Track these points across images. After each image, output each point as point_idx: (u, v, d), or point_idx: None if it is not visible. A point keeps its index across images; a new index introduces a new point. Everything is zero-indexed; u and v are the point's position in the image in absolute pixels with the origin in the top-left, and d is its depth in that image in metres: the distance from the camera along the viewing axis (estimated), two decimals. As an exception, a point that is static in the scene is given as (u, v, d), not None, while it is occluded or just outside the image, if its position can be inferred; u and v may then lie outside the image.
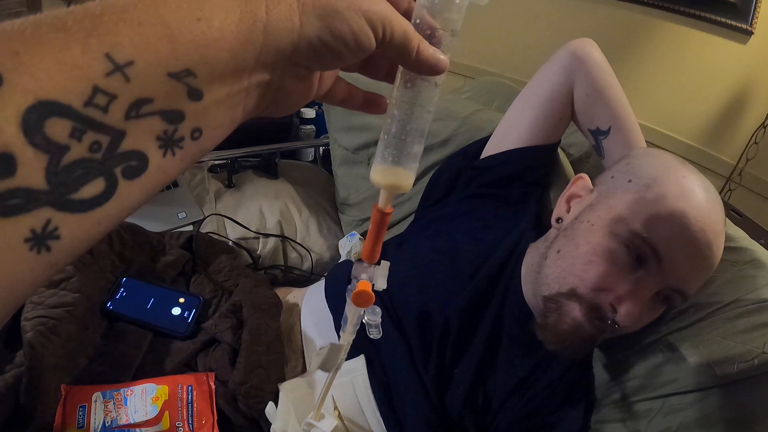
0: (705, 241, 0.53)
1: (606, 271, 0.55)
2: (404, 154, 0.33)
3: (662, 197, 0.54)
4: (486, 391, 0.64)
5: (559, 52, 0.73)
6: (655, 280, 0.54)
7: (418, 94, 0.32)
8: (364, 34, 0.24)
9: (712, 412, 0.58)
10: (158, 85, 0.18)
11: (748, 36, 1.24)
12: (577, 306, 0.56)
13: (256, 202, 1.05)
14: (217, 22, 0.19)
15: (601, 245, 0.56)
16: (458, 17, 0.31)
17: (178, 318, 0.69)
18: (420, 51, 0.27)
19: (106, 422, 0.55)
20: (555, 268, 0.59)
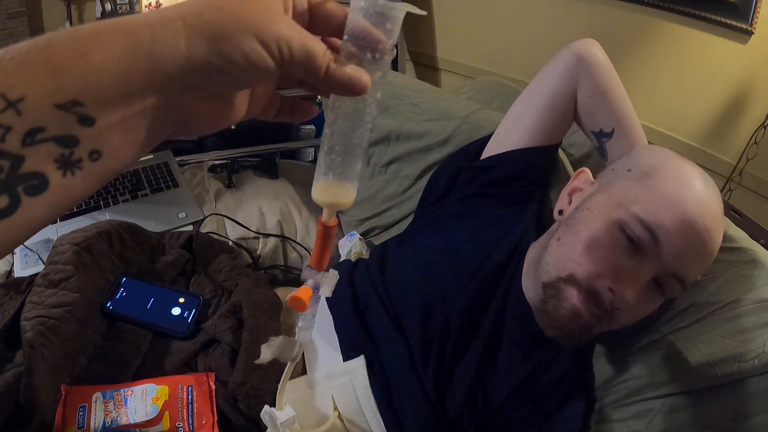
0: (703, 225, 0.54)
1: (604, 256, 0.56)
2: (341, 171, 0.33)
3: (661, 182, 0.56)
4: (485, 391, 0.64)
5: (563, 53, 0.72)
6: (652, 264, 0.54)
7: (349, 109, 0.31)
8: (257, 55, 0.24)
9: (713, 411, 0.58)
10: (48, 115, 0.21)
11: (748, 36, 1.24)
12: (575, 292, 0.57)
13: (256, 202, 1.05)
14: (100, 55, 0.22)
15: (600, 230, 0.57)
16: (391, 35, 0.30)
17: (177, 318, 0.69)
18: (330, 70, 0.27)
19: (106, 422, 0.55)
20: (554, 255, 0.60)
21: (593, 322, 0.57)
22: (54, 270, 0.63)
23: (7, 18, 3.42)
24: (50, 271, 0.63)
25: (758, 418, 0.55)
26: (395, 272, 0.71)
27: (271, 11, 0.25)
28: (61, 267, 0.63)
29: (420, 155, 0.96)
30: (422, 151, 0.96)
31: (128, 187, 1.03)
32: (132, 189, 1.03)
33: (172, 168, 1.09)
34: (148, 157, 1.11)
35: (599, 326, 0.58)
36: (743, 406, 0.56)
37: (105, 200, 0.99)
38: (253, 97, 0.31)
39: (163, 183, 1.05)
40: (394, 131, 0.99)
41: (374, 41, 0.29)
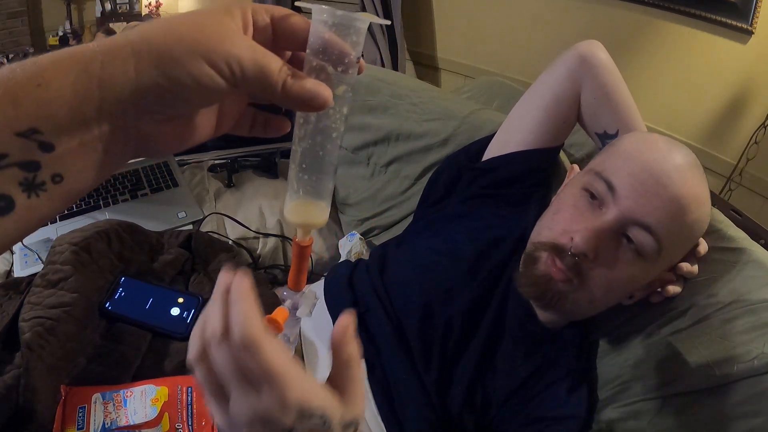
0: (659, 169, 0.55)
1: (569, 215, 0.59)
2: (312, 189, 0.32)
3: (622, 144, 0.61)
4: (485, 389, 0.64)
5: (566, 55, 0.72)
6: (612, 211, 0.56)
7: (316, 126, 0.31)
8: (205, 76, 0.25)
9: (713, 412, 0.58)
10: (9, 142, 0.22)
11: (749, 36, 1.24)
12: (546, 253, 0.59)
13: (256, 201, 1.05)
14: (55, 84, 0.23)
15: (568, 195, 0.62)
16: (355, 47, 0.29)
17: (177, 318, 0.68)
18: (287, 86, 0.27)
19: (106, 423, 0.55)
20: (536, 227, 0.65)
21: (565, 279, 0.57)
22: (52, 270, 0.63)
23: (7, 18, 3.42)
24: (49, 271, 0.63)
25: (758, 419, 0.55)
26: (395, 273, 0.71)
27: (224, 30, 0.26)
28: (60, 267, 0.63)
29: (420, 155, 0.96)
30: (422, 151, 0.96)
31: (128, 186, 1.03)
32: (132, 188, 1.03)
33: (171, 167, 1.09)
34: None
35: (574, 285, 0.57)
36: (743, 407, 0.56)
37: (105, 200, 0.99)
38: (222, 113, 0.32)
39: (162, 182, 1.05)
40: (394, 131, 0.99)
41: (337, 53, 0.29)
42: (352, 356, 0.33)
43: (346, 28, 0.29)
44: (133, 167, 1.07)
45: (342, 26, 0.29)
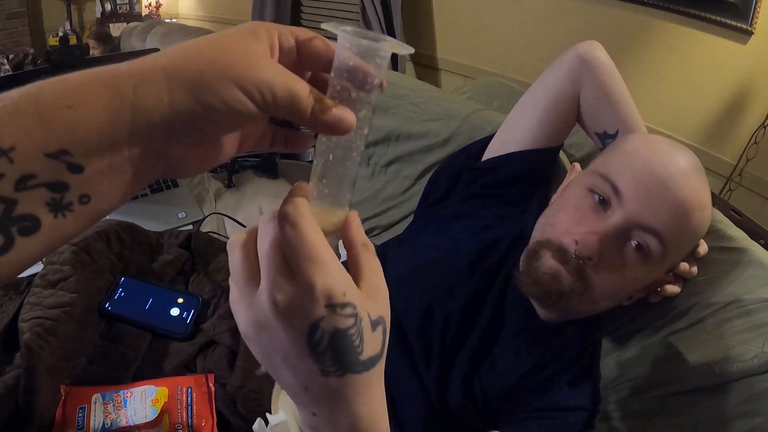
0: (665, 172, 0.54)
1: (573, 215, 0.59)
2: (330, 201, 0.33)
3: (626, 145, 0.60)
4: (482, 381, 0.64)
5: (566, 55, 0.72)
6: (617, 215, 0.56)
7: (337, 142, 0.32)
8: (237, 102, 0.25)
9: (712, 411, 0.58)
10: (38, 163, 0.22)
11: (748, 36, 1.24)
12: (549, 253, 0.59)
13: (256, 201, 1.05)
14: (85, 107, 0.23)
15: (572, 194, 0.62)
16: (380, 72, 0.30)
17: (176, 319, 0.68)
18: (315, 112, 0.27)
19: (106, 424, 0.55)
20: (539, 223, 0.64)
21: (570, 281, 0.57)
22: (52, 270, 0.63)
23: (7, 18, 3.42)
24: (48, 272, 0.63)
25: (758, 418, 0.55)
26: (395, 274, 0.71)
27: (252, 54, 0.26)
28: (59, 267, 0.63)
29: (420, 155, 0.96)
30: (422, 151, 0.96)
31: (128, 187, 1.03)
32: (131, 189, 1.03)
33: (171, 168, 1.09)
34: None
35: (577, 286, 0.57)
36: (742, 406, 0.56)
37: (104, 200, 0.99)
38: (245, 133, 0.32)
39: (162, 183, 1.05)
40: (394, 131, 0.99)
41: (360, 78, 0.29)
42: (368, 243, 0.33)
43: (370, 53, 0.30)
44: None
45: (366, 51, 0.29)
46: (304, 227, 0.28)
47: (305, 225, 0.28)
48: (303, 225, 0.28)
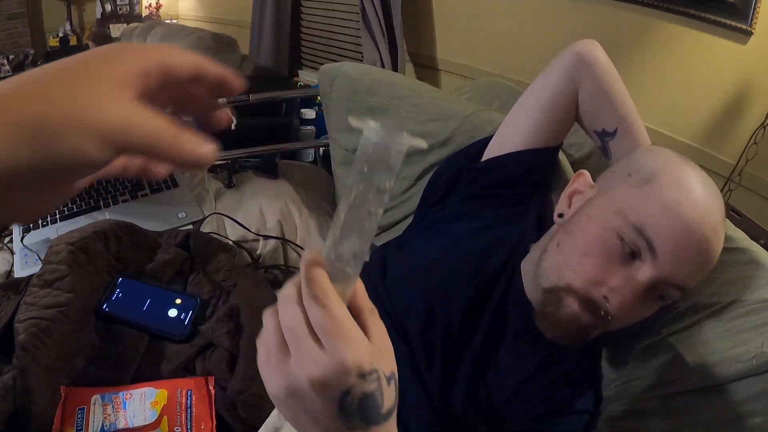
0: (701, 235, 0.53)
1: (600, 264, 0.56)
2: (344, 275, 0.35)
3: (659, 189, 0.55)
4: (487, 385, 0.64)
5: (564, 54, 0.72)
6: (649, 273, 0.54)
7: (352, 220, 0.34)
8: (85, 153, 0.22)
9: (712, 411, 0.58)
10: None
11: (748, 36, 1.24)
12: (574, 300, 0.57)
13: (256, 202, 1.05)
14: None
15: (597, 237, 0.57)
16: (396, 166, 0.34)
17: (174, 320, 0.68)
18: (174, 149, 0.25)
19: (105, 425, 0.55)
20: (553, 261, 0.60)
21: (591, 323, 0.57)
22: (49, 270, 0.63)
23: (7, 19, 3.42)
24: (45, 271, 0.63)
25: (757, 419, 0.55)
26: (396, 275, 0.71)
27: (103, 93, 0.23)
28: (56, 267, 0.63)
29: (420, 156, 0.96)
30: (422, 151, 0.96)
31: (128, 187, 1.03)
32: (132, 189, 1.03)
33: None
34: (148, 158, 1.11)
35: (596, 330, 0.58)
36: (742, 407, 0.56)
37: (105, 200, 0.99)
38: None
39: (162, 183, 1.05)
40: (393, 132, 0.99)
41: (382, 166, 0.33)
42: (373, 308, 0.36)
43: (389, 151, 0.33)
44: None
45: (386, 148, 0.33)
46: (333, 308, 0.32)
47: (334, 306, 0.32)
48: (332, 306, 0.32)
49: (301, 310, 0.33)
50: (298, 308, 0.33)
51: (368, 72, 1.07)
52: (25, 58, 3.31)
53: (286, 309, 0.33)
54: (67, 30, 3.79)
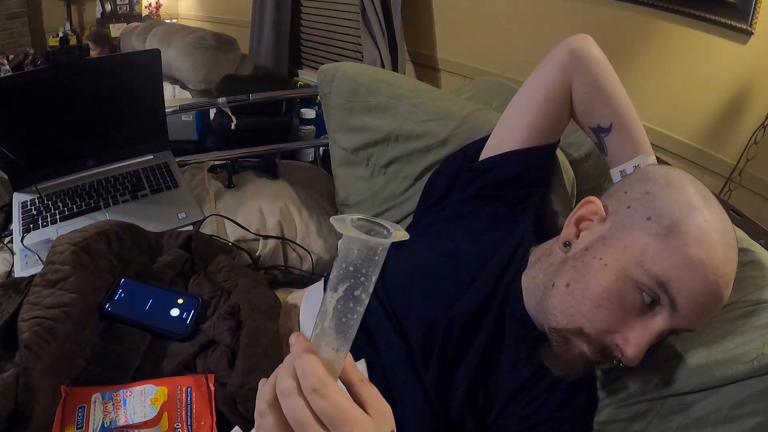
0: (718, 292, 0.53)
1: (616, 316, 0.55)
2: (335, 356, 0.39)
3: (683, 245, 0.53)
4: (487, 391, 0.64)
5: (557, 50, 0.72)
6: (665, 323, 0.54)
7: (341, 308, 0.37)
8: None
9: (712, 413, 0.58)
10: None
11: (748, 36, 1.24)
12: (584, 344, 0.57)
13: (256, 202, 1.05)
14: None
15: (614, 290, 0.55)
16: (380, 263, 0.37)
17: (176, 319, 0.69)
18: None
19: (105, 423, 0.55)
20: (563, 303, 0.58)
21: (599, 363, 0.58)
22: (51, 270, 0.63)
23: (7, 18, 3.42)
24: (48, 271, 0.63)
25: (757, 419, 0.55)
26: (395, 275, 0.71)
27: None
28: (59, 267, 0.63)
29: (419, 156, 0.96)
30: (422, 151, 0.96)
31: (128, 187, 1.03)
32: (132, 189, 1.03)
33: (171, 168, 1.09)
34: (148, 158, 1.11)
35: (603, 367, 0.60)
36: (743, 408, 0.56)
37: (105, 201, 0.99)
38: None
39: (162, 183, 1.05)
40: (393, 132, 0.99)
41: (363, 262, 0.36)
42: (364, 378, 0.40)
43: (373, 251, 0.36)
44: (133, 168, 1.07)
45: (371, 249, 0.36)
46: (333, 397, 0.35)
47: (333, 395, 0.35)
48: (331, 395, 0.35)
49: (304, 402, 0.35)
50: (301, 400, 0.35)
51: (367, 72, 1.07)
52: (24, 58, 3.31)
53: (289, 403, 0.36)
54: (67, 30, 3.79)
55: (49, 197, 0.98)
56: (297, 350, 0.37)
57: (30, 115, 0.95)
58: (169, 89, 2.46)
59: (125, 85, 1.02)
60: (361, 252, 0.36)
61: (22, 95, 0.92)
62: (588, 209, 0.62)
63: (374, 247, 0.36)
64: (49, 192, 0.99)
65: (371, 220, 0.38)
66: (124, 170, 1.07)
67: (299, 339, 0.38)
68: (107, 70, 1.01)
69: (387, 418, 0.38)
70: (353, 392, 0.39)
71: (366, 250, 0.36)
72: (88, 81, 0.99)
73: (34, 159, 0.98)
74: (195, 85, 2.42)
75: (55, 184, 1.01)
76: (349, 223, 0.36)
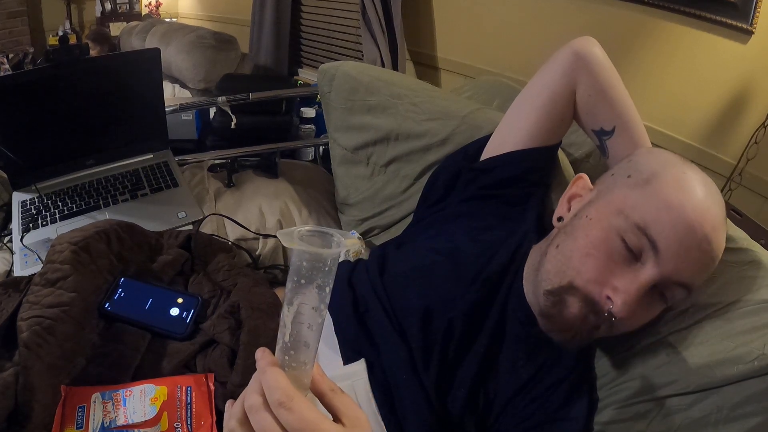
0: (702, 234, 0.53)
1: (603, 264, 0.56)
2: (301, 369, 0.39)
3: (660, 189, 0.55)
4: (487, 392, 0.64)
5: (560, 52, 0.72)
6: (652, 272, 0.54)
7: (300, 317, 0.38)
8: None
9: (712, 413, 0.58)
10: None
11: (749, 36, 1.24)
12: (576, 300, 0.57)
13: (256, 201, 1.05)
14: None
15: (599, 237, 0.57)
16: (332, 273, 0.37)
17: (176, 319, 0.68)
18: None
19: (105, 423, 0.55)
20: (554, 263, 0.60)
21: (594, 327, 0.57)
22: (51, 269, 0.63)
23: (7, 17, 3.42)
24: (47, 270, 0.63)
25: (758, 419, 0.55)
26: (395, 274, 0.71)
27: None
28: (59, 266, 0.63)
29: (419, 155, 0.96)
30: (422, 150, 0.96)
31: (128, 186, 1.03)
32: (131, 189, 1.02)
33: (171, 167, 1.09)
34: (148, 157, 1.11)
35: (600, 332, 0.58)
36: (743, 408, 0.56)
37: (105, 200, 0.99)
38: None
39: (162, 182, 1.05)
40: (393, 131, 0.99)
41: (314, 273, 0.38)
42: (334, 387, 0.40)
43: (321, 260, 0.37)
44: (133, 167, 1.07)
45: (317, 259, 0.37)
46: (299, 409, 0.35)
47: (299, 407, 0.35)
48: (297, 407, 0.35)
49: (272, 417, 0.36)
50: (268, 415, 0.36)
51: (367, 71, 1.07)
52: (24, 57, 3.30)
53: (258, 419, 0.37)
54: (67, 29, 3.79)
55: (49, 196, 0.98)
56: (262, 365, 0.38)
57: (30, 114, 0.94)
58: (169, 88, 2.46)
59: (125, 84, 1.02)
60: (311, 264, 0.36)
61: (21, 94, 0.92)
62: (578, 185, 0.66)
63: (324, 258, 0.36)
64: (48, 191, 0.99)
65: (321, 231, 0.39)
66: (123, 169, 1.07)
67: (264, 354, 0.39)
68: (107, 69, 1.01)
69: (362, 426, 0.39)
70: (325, 402, 0.39)
71: (315, 261, 0.36)
72: (87, 80, 0.98)
73: (34, 158, 0.97)
74: (195, 84, 2.42)
75: (54, 184, 1.01)
76: (296, 235, 0.37)
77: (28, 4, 3.52)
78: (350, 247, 0.38)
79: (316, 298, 0.37)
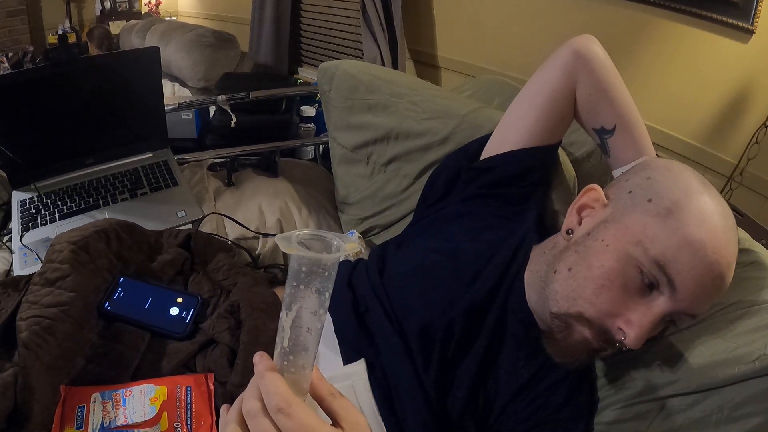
0: (719, 272, 0.53)
1: (617, 296, 0.55)
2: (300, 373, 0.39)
3: (682, 224, 0.53)
4: (487, 392, 0.63)
5: (561, 50, 0.71)
6: (666, 305, 0.54)
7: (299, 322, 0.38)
8: None
9: (713, 413, 0.58)
10: None
11: (750, 35, 1.24)
12: (586, 328, 0.57)
13: (256, 200, 1.05)
14: None
15: (615, 270, 0.55)
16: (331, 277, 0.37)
17: (176, 318, 0.68)
18: None
19: (105, 423, 0.55)
20: (565, 287, 0.58)
21: (600, 350, 0.58)
22: (50, 269, 0.63)
23: (6, 16, 3.41)
24: (47, 270, 0.63)
25: (759, 420, 0.55)
26: (395, 274, 0.71)
27: None
28: (58, 266, 0.63)
29: (419, 154, 0.96)
30: (422, 149, 0.96)
31: (127, 185, 1.03)
32: (131, 188, 1.02)
33: (171, 166, 1.09)
34: (147, 156, 1.10)
35: (603, 355, 0.59)
36: (744, 408, 0.56)
37: (104, 199, 0.99)
38: None
39: (162, 181, 1.05)
40: (393, 130, 0.98)
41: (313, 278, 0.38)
42: (334, 391, 0.40)
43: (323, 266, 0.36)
44: (132, 166, 1.07)
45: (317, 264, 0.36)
46: (298, 415, 0.35)
47: (298, 413, 0.35)
48: (296, 413, 0.35)
49: (271, 422, 0.36)
50: (267, 420, 0.36)
51: (367, 70, 1.06)
52: (24, 56, 3.30)
53: (256, 425, 0.37)
54: (66, 27, 3.78)
55: (48, 195, 0.98)
56: (260, 370, 0.38)
57: (29, 113, 0.94)
58: (169, 87, 2.46)
59: (124, 82, 1.02)
60: (309, 269, 0.36)
61: (21, 93, 0.91)
62: (590, 196, 0.63)
63: (323, 264, 0.36)
64: (48, 190, 0.99)
65: (320, 235, 0.38)
66: (123, 168, 1.06)
67: (262, 358, 0.39)
68: (106, 67, 1.01)
69: (361, 429, 0.39)
70: (324, 406, 0.39)
71: (314, 266, 0.36)
72: (87, 79, 0.98)
73: (33, 157, 0.97)
74: (194, 82, 2.42)
75: (54, 183, 1.01)
76: (295, 240, 0.36)
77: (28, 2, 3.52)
78: (350, 251, 0.37)
79: (315, 302, 0.37)
